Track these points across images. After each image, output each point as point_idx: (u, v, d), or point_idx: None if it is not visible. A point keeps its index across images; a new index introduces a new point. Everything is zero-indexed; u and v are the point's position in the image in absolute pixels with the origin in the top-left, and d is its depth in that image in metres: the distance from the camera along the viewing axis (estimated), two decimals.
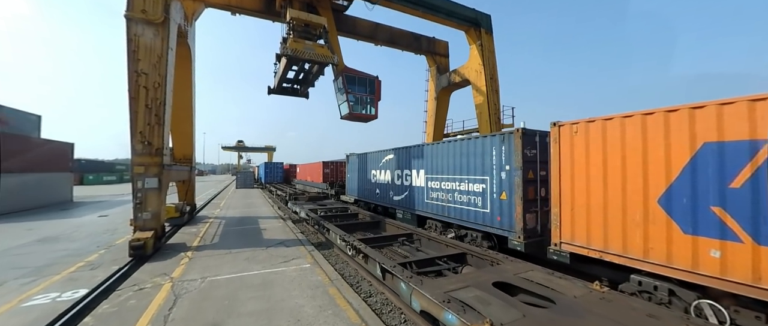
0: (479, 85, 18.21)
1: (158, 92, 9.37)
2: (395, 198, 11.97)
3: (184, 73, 13.70)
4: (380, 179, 13.32)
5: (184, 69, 13.69)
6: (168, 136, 9.86)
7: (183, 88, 13.80)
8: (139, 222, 8.69)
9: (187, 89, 13.91)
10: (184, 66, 13.62)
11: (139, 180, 8.80)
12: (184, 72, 13.70)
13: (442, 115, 22.19)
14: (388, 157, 12.65)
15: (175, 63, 13.37)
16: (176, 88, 13.77)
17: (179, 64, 13.51)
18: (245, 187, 38.33)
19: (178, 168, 11.70)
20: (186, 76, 13.77)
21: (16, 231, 12.02)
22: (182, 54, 13.34)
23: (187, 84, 13.86)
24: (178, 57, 13.33)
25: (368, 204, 14.82)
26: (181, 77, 13.68)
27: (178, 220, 12.84)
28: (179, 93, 13.81)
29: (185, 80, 13.79)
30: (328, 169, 23.18)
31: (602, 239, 5.46)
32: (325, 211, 12.95)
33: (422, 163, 10.33)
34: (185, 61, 13.59)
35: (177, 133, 14.11)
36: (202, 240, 10.18)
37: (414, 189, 10.77)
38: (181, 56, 13.40)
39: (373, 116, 15.83)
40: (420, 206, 10.42)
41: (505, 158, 7.31)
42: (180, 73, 13.62)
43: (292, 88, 17.09)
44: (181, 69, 13.59)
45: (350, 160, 17.35)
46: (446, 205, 9.18)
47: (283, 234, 11.07)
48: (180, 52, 13.31)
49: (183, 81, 13.74)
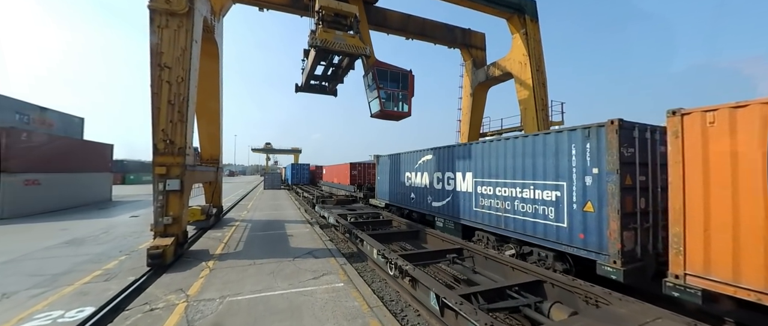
0: (524, 78, 16.35)
1: (182, 87, 8.70)
2: (434, 205, 10.58)
3: (211, 71, 13.23)
4: (416, 182, 11.98)
5: (212, 66, 13.21)
6: (192, 134, 9.18)
7: (210, 85, 13.33)
8: (160, 228, 8.00)
9: (214, 87, 13.43)
10: (211, 63, 13.15)
11: (160, 182, 8.13)
12: (211, 69, 13.23)
13: (479, 113, 20.45)
14: (426, 158, 11.28)
15: (201, 59, 12.96)
16: (203, 86, 13.31)
17: (206, 60, 13.04)
18: (273, 188, 38.52)
19: (202, 168, 11.11)
20: (213, 73, 13.28)
21: (51, 231, 12.01)
22: (209, 50, 12.86)
23: (214, 82, 13.38)
24: (205, 53, 12.85)
25: (401, 210, 13.52)
26: (208, 74, 13.22)
27: (203, 223, 12.30)
28: (206, 91, 13.36)
29: (212, 78, 13.31)
30: (355, 171, 22.20)
31: (764, 275, 3.77)
32: (355, 217, 11.83)
33: (469, 165, 8.87)
34: (212, 58, 13.11)
35: (204, 133, 13.67)
36: (226, 247, 9.39)
37: (458, 194, 9.32)
38: (208, 53, 12.92)
39: (405, 113, 14.54)
40: (466, 215, 8.95)
41: (591, 159, 5.70)
42: (207, 70, 13.16)
43: (320, 86, 16.24)
44: (208, 66, 13.12)
45: (380, 162, 16.16)
46: (503, 216, 7.66)
47: (311, 242, 10.07)
48: (207, 49, 12.83)
49: (210, 78, 13.28)
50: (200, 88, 13.30)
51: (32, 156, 17.42)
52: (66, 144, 20.36)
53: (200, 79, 13.17)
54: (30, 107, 20.40)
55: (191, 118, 9.05)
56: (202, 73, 13.09)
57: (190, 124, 8.92)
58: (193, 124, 9.20)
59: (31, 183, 17.34)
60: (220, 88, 13.76)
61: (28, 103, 20.32)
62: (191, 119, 9.05)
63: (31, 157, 17.37)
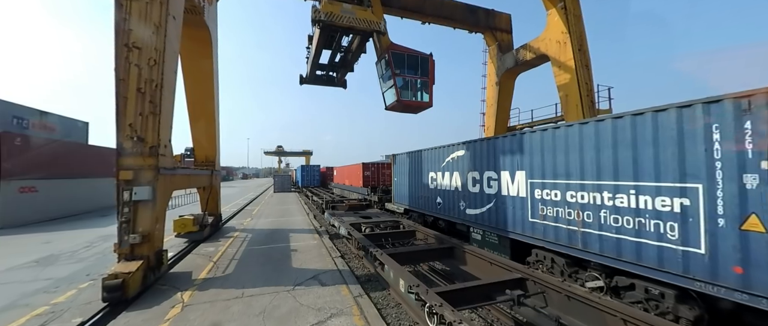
0: (563, 59, 13.95)
1: (154, 72, 6.98)
2: (469, 213, 8.48)
3: (202, 60, 11.60)
4: (443, 185, 9.90)
5: (203, 55, 11.57)
6: (169, 129, 7.47)
7: (202, 77, 11.70)
8: (125, 248, 6.28)
9: (207, 80, 11.79)
10: (202, 51, 11.51)
11: (125, 190, 6.42)
12: (202, 59, 11.60)
13: (506, 104, 18.14)
14: (457, 155, 9.19)
15: (190, 45, 11.31)
16: (194, 78, 11.70)
17: (195, 47, 11.40)
18: (283, 191, 37.18)
19: (190, 171, 9.41)
20: (205, 64, 11.64)
21: (30, 245, 10.66)
22: (199, 36, 11.22)
23: (206, 73, 11.73)
24: (194, 39, 11.21)
25: (424, 217, 11.47)
26: (200, 65, 11.59)
27: (196, 235, 10.65)
28: (197, 83, 11.73)
29: (204, 69, 11.67)
30: (368, 172, 20.29)
31: None
32: (370, 227, 9.90)
33: (521, 162, 6.74)
34: (204, 45, 11.46)
35: (197, 132, 12.06)
36: (214, 269, 7.62)
37: (505, 200, 7.21)
38: (197, 38, 11.28)
39: (425, 104, 12.51)
40: (518, 226, 6.82)
41: (755, 146, 3.51)
42: (197, 59, 11.53)
43: (327, 76, 14.42)
44: (198, 54, 11.49)
45: (398, 161, 14.15)
46: (579, 231, 5.50)
47: (319, 259, 8.19)
48: (196, 34, 11.18)
49: (202, 69, 11.64)
50: (190, 80, 11.71)
51: (28, 161, 16.34)
52: (67, 148, 19.34)
53: (190, 70, 11.59)
54: (28, 111, 19.54)
55: (168, 110, 7.32)
56: (191, 63, 11.50)
57: (165, 118, 7.20)
58: (170, 117, 7.48)
59: (27, 190, 16.27)
60: (215, 80, 12.11)
61: (26, 106, 19.46)
62: (167, 111, 7.32)
63: (27, 163, 16.29)
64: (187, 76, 11.48)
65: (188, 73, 11.46)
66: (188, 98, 11.70)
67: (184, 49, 11.25)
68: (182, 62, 11.40)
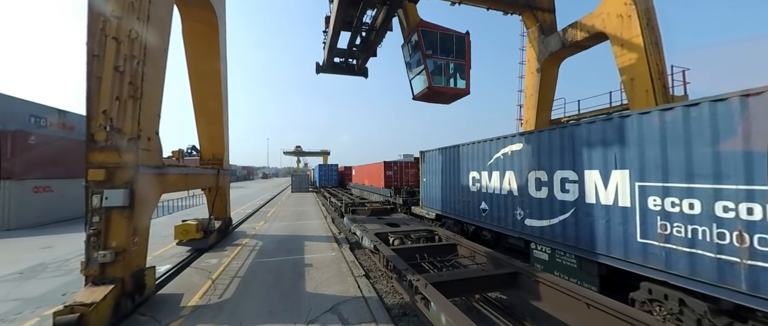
0: (627, 36, 11.61)
1: (136, 47, 5.60)
2: (531, 224, 6.55)
3: (208, 45, 10.30)
4: (490, 187, 8.00)
5: (209, 40, 10.28)
6: (157, 118, 6.08)
7: (208, 65, 10.42)
8: (93, 269, 4.89)
9: (213, 68, 10.50)
10: (208, 36, 10.21)
11: (95, 194, 5.05)
12: (208, 44, 10.31)
13: (549, 93, 15.82)
14: (511, 149, 7.26)
15: (194, 26, 9.95)
16: (199, 66, 10.43)
17: (202, 32, 10.13)
18: (300, 191, 36.25)
19: (183, 170, 8.05)
20: (211, 49, 10.34)
21: (25, 251, 9.82)
22: (204, 19, 9.91)
23: (213, 62, 10.44)
24: (198, 20, 9.90)
25: (461, 225, 9.60)
26: (205, 51, 10.31)
27: (200, 243, 9.35)
28: (203, 72, 10.46)
29: (210, 55, 10.38)
30: (390, 172, 18.57)
31: None
32: (399, 238, 8.17)
33: (622, 156, 4.78)
34: (209, 29, 10.16)
35: (202, 127, 10.81)
36: (211, 291, 6.17)
37: (593, 210, 5.25)
38: (203, 21, 9.99)
39: (461, 91, 10.64)
40: (616, 247, 4.85)
41: None
42: (203, 44, 10.24)
43: (346, 64, 12.84)
44: (204, 39, 10.20)
45: (427, 159, 12.33)
46: (743, 263, 3.51)
47: (338, 279, 6.57)
48: (201, 17, 9.88)
49: (208, 56, 10.35)
50: (195, 69, 10.37)
51: (42, 160, 15.91)
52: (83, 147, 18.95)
53: (194, 57, 10.17)
54: (47, 110, 19.31)
55: (153, 94, 5.94)
56: (195, 49, 10.17)
57: (150, 103, 5.81)
58: (157, 103, 6.10)
59: (42, 190, 15.85)
60: (223, 70, 10.80)
61: (45, 105, 19.25)
62: (153, 96, 5.94)
63: (42, 162, 15.87)
64: (192, 64, 10.23)
65: (192, 59, 10.22)
66: (192, 89, 10.46)
67: (188, 32, 10.03)
68: (186, 47, 10.18)
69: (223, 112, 10.95)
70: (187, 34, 9.92)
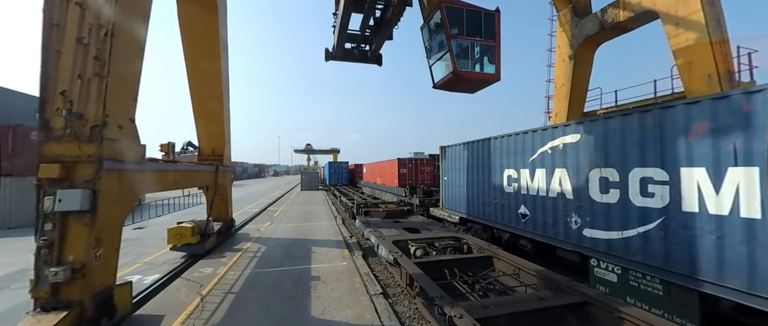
0: (684, 13, 9.96)
1: (104, 15, 4.53)
2: (592, 235, 5.20)
3: (206, 24, 9.27)
4: (533, 187, 6.65)
5: (207, 26, 9.26)
6: (129, 104, 5.02)
7: (206, 48, 9.39)
8: (42, 289, 3.86)
9: (212, 52, 9.47)
10: (206, 15, 9.17)
11: (47, 197, 4.02)
12: (206, 30, 9.28)
13: (582, 82, 14.18)
14: (563, 142, 5.91)
15: (191, 7, 9.02)
16: (196, 50, 9.41)
17: (199, 12, 9.11)
18: (310, 189, 35.40)
19: (167, 166, 6.98)
20: (209, 30, 9.31)
21: (16, 253, 9.08)
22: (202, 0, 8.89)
23: (211, 44, 9.41)
24: (197, 4, 8.94)
25: (491, 231, 8.28)
26: (203, 31, 9.27)
27: (196, 248, 8.37)
28: (200, 56, 9.45)
29: (209, 38, 9.36)
30: (404, 169, 17.32)
31: None
32: (421, 246, 6.94)
33: (749, 147, 3.42)
34: (208, 12, 9.11)
35: (201, 120, 9.83)
36: (196, 313, 5.10)
37: (693, 222, 3.87)
38: (201, 2, 8.98)
39: (491, 76, 9.24)
40: (738, 275, 3.48)
41: None
42: (201, 22, 9.22)
43: (358, 50, 11.62)
44: (201, 18, 9.17)
45: (449, 154, 11.02)
46: None
47: (350, 299, 5.40)
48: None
49: (206, 38, 9.33)
50: (192, 53, 9.27)
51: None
52: None
53: (191, 39, 8.92)
54: None
55: (126, 73, 4.88)
56: (192, 29, 8.95)
57: (121, 82, 4.75)
58: (132, 83, 5.04)
59: None
60: (223, 55, 9.76)
61: None
62: (126, 76, 4.88)
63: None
64: (188, 48, 9.23)
65: (189, 43, 9.22)
66: (189, 77, 9.47)
67: (184, 11, 9.03)
68: (181, 28, 9.18)
69: (223, 103, 9.94)
70: (183, 12, 8.91)
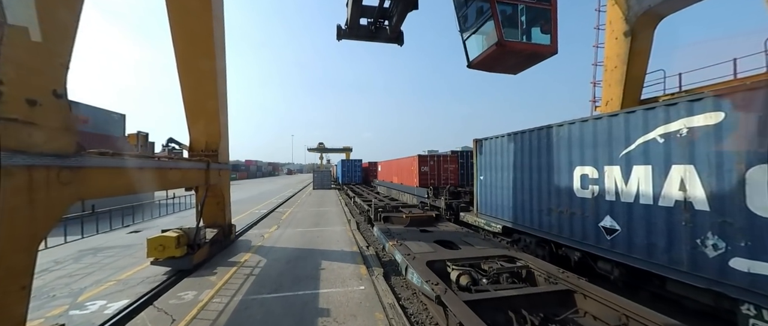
0: None
1: None
2: (750, 269, 3.29)
3: (200, 11, 7.77)
4: (625, 191, 4.71)
5: (201, 7, 7.75)
6: (53, 75, 3.48)
7: (199, 37, 7.91)
8: None
9: (204, 41, 7.99)
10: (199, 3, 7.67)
11: None
12: (200, 11, 7.78)
13: (640, 65, 11.90)
14: (685, 126, 3.96)
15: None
16: (186, 38, 7.99)
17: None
18: (322, 188, 34.10)
19: (119, 162, 5.47)
20: (203, 16, 7.81)
21: None
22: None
23: (204, 31, 7.92)
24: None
25: (549, 246, 6.37)
26: (195, 17, 7.79)
27: (181, 263, 6.91)
28: (192, 45, 7.98)
29: (202, 22, 7.86)
30: (426, 167, 15.46)
31: None
32: (464, 270, 5.14)
33: None
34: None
35: (191, 109, 8.37)
36: None
37: None
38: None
39: (547, 49, 7.27)
40: None
41: None
42: (194, 10, 7.75)
43: (375, 27, 9.87)
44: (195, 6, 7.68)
45: (485, 149, 9.11)
46: None
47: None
48: None
49: (199, 23, 7.84)
50: (179, 33, 7.93)
51: None
52: (90, 140, 17.65)
53: (178, 16, 7.86)
54: None
55: (50, 30, 3.33)
56: (187, 16, 7.82)
57: (38, 44, 3.20)
58: (63, 47, 3.49)
59: None
60: (217, 34, 8.26)
61: None
62: (50, 35, 3.33)
63: None
64: (175, 28, 7.77)
65: (176, 20, 7.75)
66: (178, 62, 8.02)
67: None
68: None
69: (216, 90, 8.44)
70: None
